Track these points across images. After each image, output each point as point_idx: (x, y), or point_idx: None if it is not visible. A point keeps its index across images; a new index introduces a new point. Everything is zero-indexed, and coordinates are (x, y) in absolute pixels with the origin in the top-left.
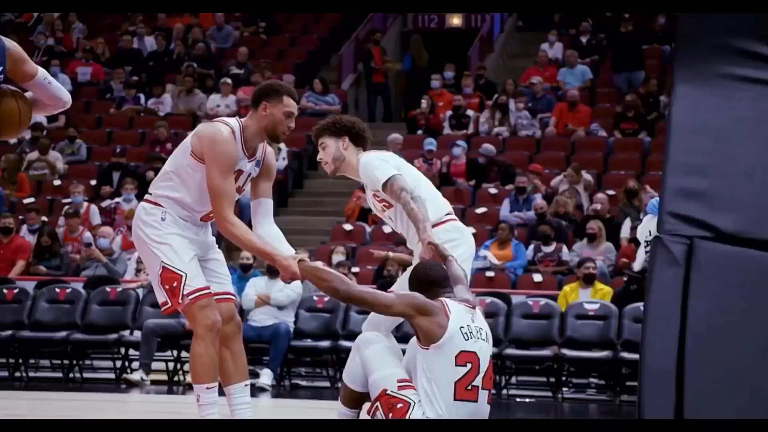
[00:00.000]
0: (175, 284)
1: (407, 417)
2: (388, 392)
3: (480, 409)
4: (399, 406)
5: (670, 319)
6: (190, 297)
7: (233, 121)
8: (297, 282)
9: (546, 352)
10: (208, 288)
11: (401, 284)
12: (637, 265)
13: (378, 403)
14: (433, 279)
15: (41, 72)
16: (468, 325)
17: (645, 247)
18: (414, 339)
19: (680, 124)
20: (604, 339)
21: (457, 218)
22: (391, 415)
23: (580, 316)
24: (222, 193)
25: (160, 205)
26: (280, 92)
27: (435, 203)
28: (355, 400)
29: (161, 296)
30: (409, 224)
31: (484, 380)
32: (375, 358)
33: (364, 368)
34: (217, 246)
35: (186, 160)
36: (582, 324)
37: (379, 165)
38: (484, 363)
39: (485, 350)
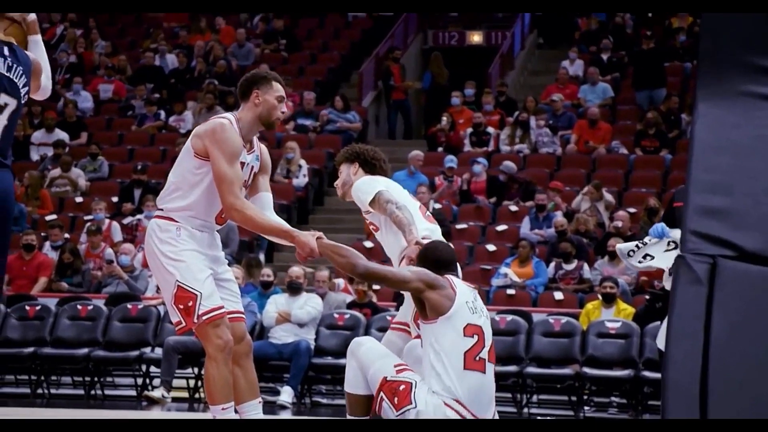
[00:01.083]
0: (190, 303)
1: (412, 395)
2: (388, 378)
3: (487, 380)
4: (402, 388)
5: (693, 338)
6: (204, 317)
7: (228, 115)
8: (318, 299)
9: (567, 370)
10: (223, 307)
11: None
12: (621, 245)
13: (381, 393)
14: (440, 259)
15: (44, 84)
16: (472, 301)
17: (638, 242)
18: (412, 343)
19: (702, 142)
20: (625, 358)
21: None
22: (396, 399)
23: (602, 334)
24: (229, 179)
25: (174, 220)
26: (269, 78)
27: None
28: (362, 405)
29: (175, 316)
30: (391, 246)
31: (490, 354)
32: (369, 354)
33: (362, 369)
34: (227, 263)
35: (190, 163)
36: (603, 342)
37: (368, 183)
38: (489, 338)
39: (488, 328)
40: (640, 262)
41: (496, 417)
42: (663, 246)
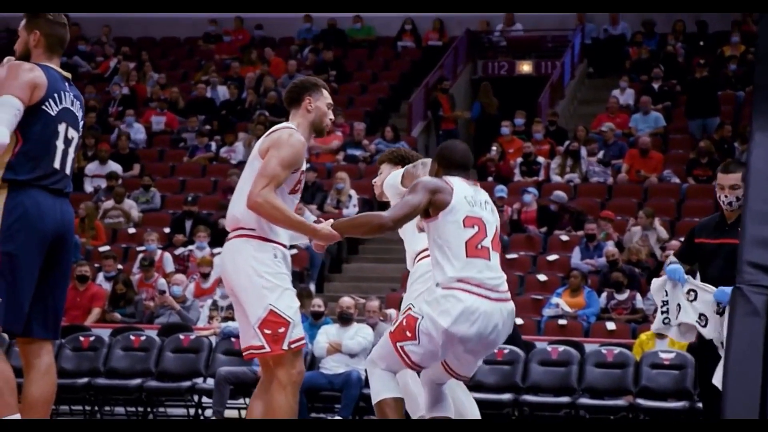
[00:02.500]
0: (281, 330)
1: (414, 313)
2: (392, 331)
3: (493, 266)
4: (405, 322)
5: (751, 371)
6: (293, 345)
7: (289, 124)
8: (369, 329)
9: (620, 401)
10: (303, 338)
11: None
12: (653, 326)
13: (397, 344)
14: (451, 158)
15: None
16: (471, 196)
17: (661, 307)
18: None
19: (758, 172)
20: (680, 389)
21: None
22: (407, 332)
23: (655, 365)
24: (272, 177)
25: (268, 240)
26: (318, 85)
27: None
28: (394, 409)
29: (257, 340)
30: (410, 241)
31: (493, 243)
32: (377, 349)
33: (383, 366)
34: None
35: None
36: (657, 373)
37: (398, 171)
38: (491, 229)
39: (491, 220)
40: (677, 317)
41: (509, 298)
42: (684, 292)
